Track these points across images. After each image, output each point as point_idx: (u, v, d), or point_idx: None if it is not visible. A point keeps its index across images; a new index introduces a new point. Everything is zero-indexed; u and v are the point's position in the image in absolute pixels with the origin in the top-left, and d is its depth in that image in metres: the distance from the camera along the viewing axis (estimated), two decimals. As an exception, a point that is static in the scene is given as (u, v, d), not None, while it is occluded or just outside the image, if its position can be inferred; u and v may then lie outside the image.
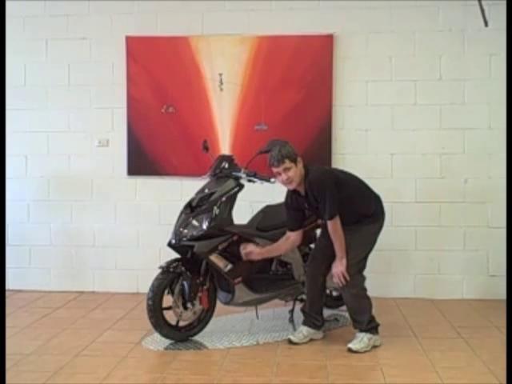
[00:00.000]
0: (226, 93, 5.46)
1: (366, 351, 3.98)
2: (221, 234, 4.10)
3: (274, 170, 3.98)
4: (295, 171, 3.95)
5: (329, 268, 4.16)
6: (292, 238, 4.17)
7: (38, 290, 5.60)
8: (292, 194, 4.10)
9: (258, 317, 4.47)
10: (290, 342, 4.17)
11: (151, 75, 5.52)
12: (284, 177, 3.95)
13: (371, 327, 4.09)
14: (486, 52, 5.29)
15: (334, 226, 3.96)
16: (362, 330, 4.08)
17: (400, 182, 5.36)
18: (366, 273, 4.46)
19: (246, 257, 4.19)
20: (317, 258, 4.23)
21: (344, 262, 3.99)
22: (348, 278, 4.00)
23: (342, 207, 3.96)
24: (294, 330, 4.34)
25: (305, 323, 4.26)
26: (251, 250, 4.18)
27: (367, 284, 4.24)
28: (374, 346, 4.05)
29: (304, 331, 4.22)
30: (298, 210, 4.14)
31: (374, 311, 4.19)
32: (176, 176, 5.53)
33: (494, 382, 3.49)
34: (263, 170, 4.30)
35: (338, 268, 4.00)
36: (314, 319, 4.24)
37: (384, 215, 4.20)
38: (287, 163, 3.92)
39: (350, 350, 3.98)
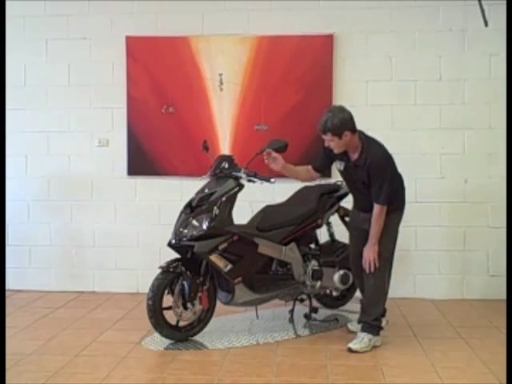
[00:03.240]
0: (226, 93, 5.46)
1: (365, 351, 3.98)
2: (221, 234, 4.10)
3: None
4: (337, 143, 3.97)
5: None
6: (312, 173, 4.29)
7: (38, 290, 5.59)
8: None
9: (257, 317, 4.47)
10: (349, 330, 4.31)
11: (151, 75, 5.52)
12: (326, 142, 4.03)
13: (375, 325, 4.09)
14: (486, 52, 5.29)
15: (381, 212, 3.99)
16: (364, 326, 4.08)
17: (400, 181, 5.36)
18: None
19: (270, 162, 4.14)
20: (356, 255, 4.23)
21: (376, 248, 4.02)
22: (377, 265, 4.02)
23: None
24: (294, 330, 4.35)
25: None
26: (276, 156, 4.13)
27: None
28: (374, 347, 4.05)
29: None
30: (330, 160, 4.21)
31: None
32: (176, 176, 5.53)
33: (494, 382, 3.50)
34: (263, 170, 4.30)
35: (371, 254, 4.02)
36: None
37: (405, 204, 4.27)
38: (329, 136, 3.95)
39: (349, 350, 3.98)
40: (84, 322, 4.71)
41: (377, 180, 3.95)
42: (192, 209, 4.18)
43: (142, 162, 5.56)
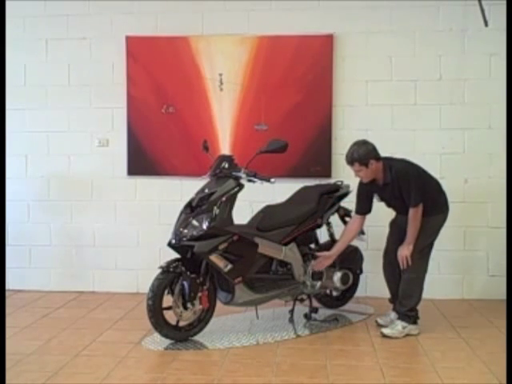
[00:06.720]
0: (226, 93, 5.46)
1: (397, 338, 4.17)
2: (221, 234, 4.10)
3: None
4: (365, 172, 4.22)
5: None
6: (358, 221, 4.44)
7: (38, 290, 5.59)
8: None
9: (257, 317, 4.46)
10: (377, 323, 4.42)
11: (151, 75, 5.52)
12: (355, 173, 4.26)
13: (410, 315, 4.27)
14: (486, 52, 5.29)
15: (416, 213, 4.20)
16: (399, 314, 4.28)
17: (400, 181, 5.35)
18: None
19: (318, 267, 4.45)
20: (389, 252, 4.47)
21: (411, 247, 4.23)
22: (410, 262, 4.21)
23: None
24: (294, 330, 4.36)
25: (394, 309, 4.44)
26: (323, 256, 4.43)
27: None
28: (409, 335, 4.22)
29: (392, 315, 4.41)
30: (369, 196, 4.38)
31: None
32: (176, 176, 5.53)
33: (494, 382, 3.50)
34: (263, 170, 4.31)
35: (404, 252, 4.24)
36: None
37: (449, 208, 4.41)
38: (356, 166, 4.20)
39: (382, 335, 4.19)
40: (84, 322, 4.71)
41: (405, 189, 4.19)
42: (192, 209, 4.17)
43: (142, 162, 5.56)
